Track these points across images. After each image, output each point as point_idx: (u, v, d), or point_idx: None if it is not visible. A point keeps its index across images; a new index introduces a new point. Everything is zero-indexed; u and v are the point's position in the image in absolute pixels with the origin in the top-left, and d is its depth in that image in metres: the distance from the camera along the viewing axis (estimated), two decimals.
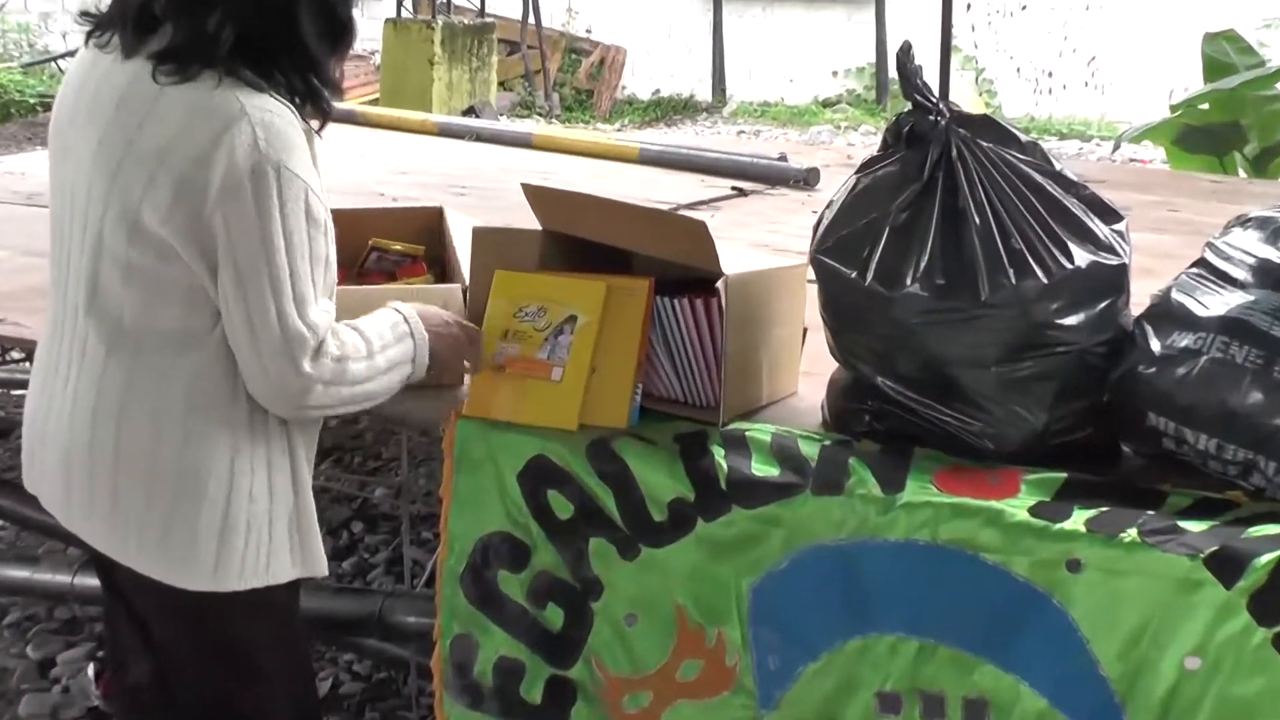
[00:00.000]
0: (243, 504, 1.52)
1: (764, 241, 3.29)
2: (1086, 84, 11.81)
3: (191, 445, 1.50)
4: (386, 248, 2.22)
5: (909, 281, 1.61)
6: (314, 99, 1.51)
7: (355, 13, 1.54)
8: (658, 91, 12.52)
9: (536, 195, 1.86)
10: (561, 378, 1.78)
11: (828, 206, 1.77)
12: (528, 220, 1.91)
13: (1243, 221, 1.74)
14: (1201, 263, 1.70)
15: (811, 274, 1.78)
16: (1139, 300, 1.70)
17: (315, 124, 1.52)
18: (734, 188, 4.29)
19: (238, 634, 1.60)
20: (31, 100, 9.22)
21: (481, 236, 1.91)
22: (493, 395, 1.82)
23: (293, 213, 1.44)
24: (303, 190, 1.45)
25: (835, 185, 1.81)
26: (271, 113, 1.44)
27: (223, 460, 1.51)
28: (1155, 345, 1.61)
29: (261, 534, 1.54)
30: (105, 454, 1.51)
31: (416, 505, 3.20)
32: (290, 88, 1.48)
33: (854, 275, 1.66)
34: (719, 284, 1.69)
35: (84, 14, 1.56)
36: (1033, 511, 1.53)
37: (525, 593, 1.81)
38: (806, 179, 4.36)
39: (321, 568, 1.62)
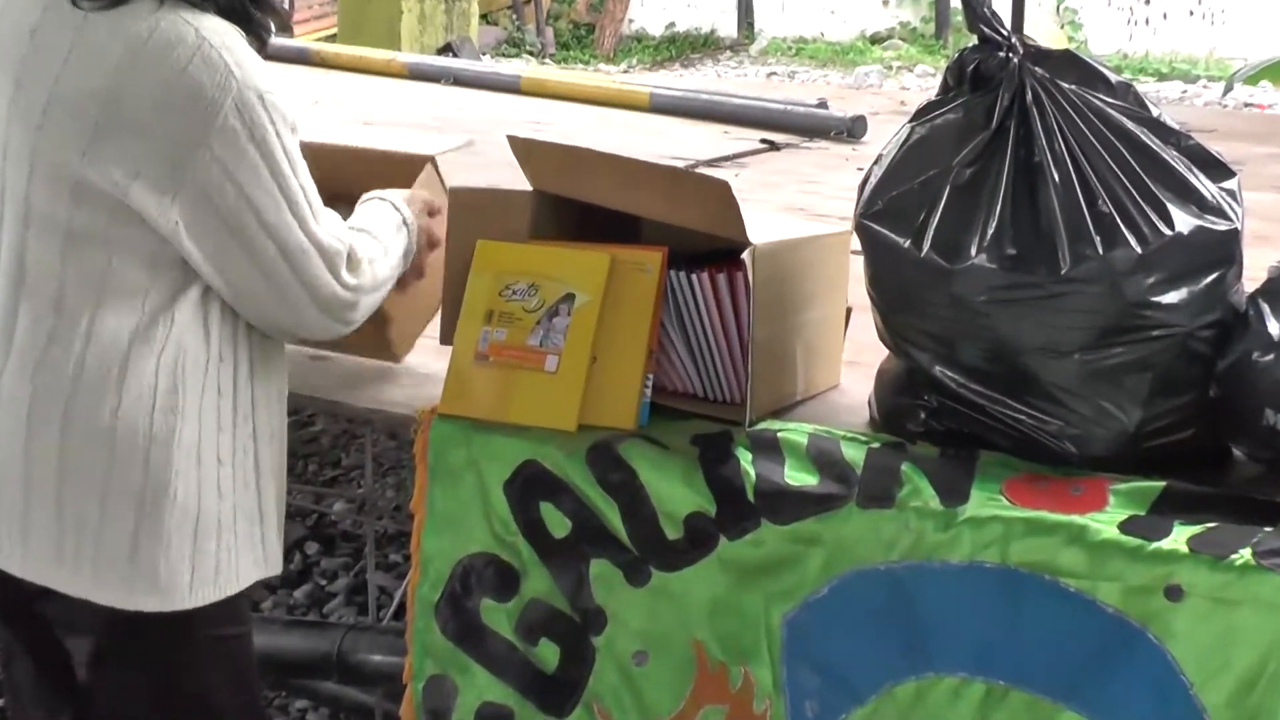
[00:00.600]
0: (212, 500, 1.55)
1: (799, 204, 3.30)
2: (1192, 13, 11.77)
3: (159, 438, 1.51)
4: None
5: (974, 252, 1.62)
6: (247, 24, 1.52)
7: None
8: (672, 25, 12.52)
9: (526, 150, 1.86)
10: (557, 368, 1.78)
11: (876, 162, 1.77)
12: (516, 180, 1.91)
13: None
14: None
15: (856, 243, 1.78)
16: (1253, 274, 1.70)
17: None
18: (763, 140, 4.29)
19: (195, 668, 1.60)
20: None
21: (460, 199, 1.92)
22: (474, 389, 1.83)
23: (286, 135, 1.51)
24: (285, 110, 1.51)
25: (885, 136, 1.81)
26: (226, 34, 1.48)
27: (190, 451, 1.53)
28: (1273, 328, 1.61)
29: (229, 533, 1.57)
30: (48, 461, 1.51)
31: (383, 522, 3.21)
32: (220, 9, 1.49)
33: (908, 245, 1.66)
34: (745, 255, 1.69)
35: None
36: (1124, 528, 1.53)
37: (514, 626, 1.82)
38: (851, 129, 4.36)
39: (278, 564, 1.67)
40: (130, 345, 1.49)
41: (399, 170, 1.94)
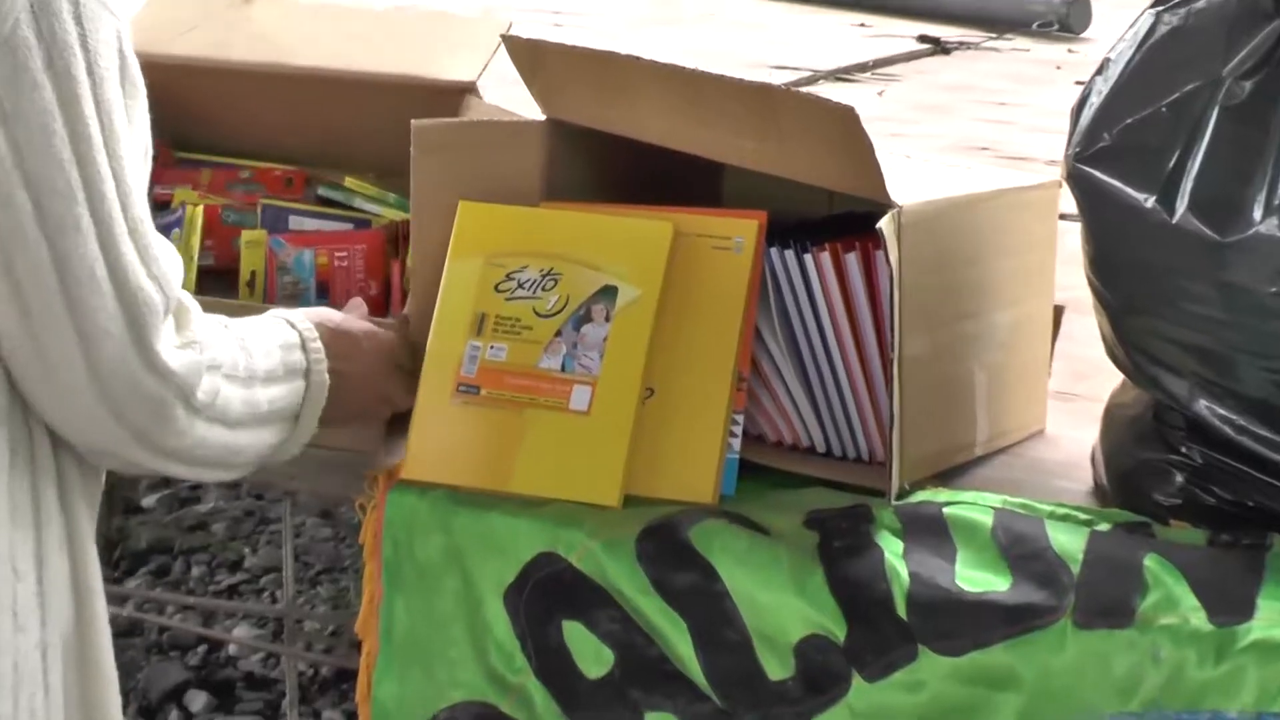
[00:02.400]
0: (6, 637, 1.55)
1: (980, 140, 3.29)
2: None
3: None
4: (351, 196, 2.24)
5: (1259, 215, 1.62)
6: None
7: None
8: None
9: (534, 57, 1.90)
10: (589, 407, 1.81)
11: (1100, 71, 1.77)
12: (521, 104, 1.95)
13: None
14: None
15: (1071, 202, 1.79)
16: None
17: None
18: (923, 39, 4.30)
19: None
20: None
21: (427, 138, 1.94)
22: (456, 441, 1.85)
23: (108, 75, 1.49)
24: (114, 34, 1.50)
25: (1117, 32, 1.82)
26: None
27: None
28: None
29: (35, 685, 1.57)
30: None
31: (311, 655, 3.23)
32: None
33: (1151, 203, 1.67)
34: (884, 224, 1.70)
35: None
36: None
37: None
38: (1065, 20, 4.36)
39: None
40: None
41: (408, 106, 1.95)
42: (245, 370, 1.64)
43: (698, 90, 1.85)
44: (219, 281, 2.25)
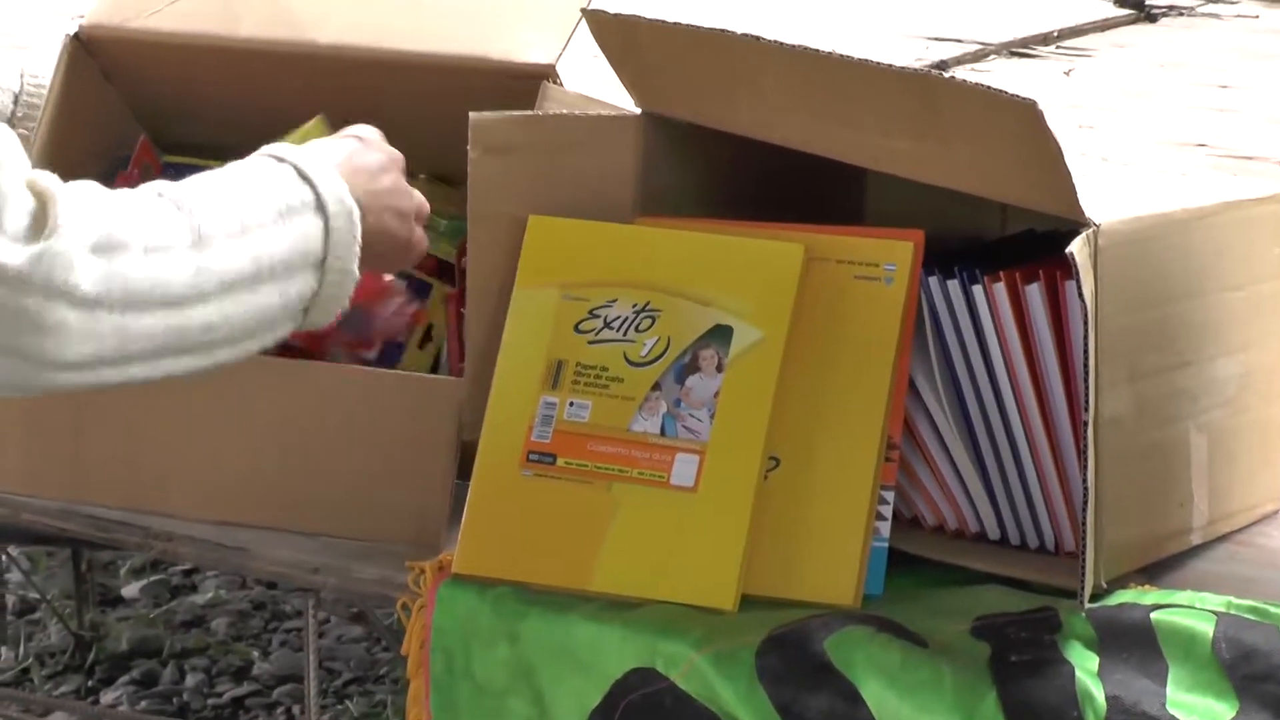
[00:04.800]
0: None
1: (1195, 134, 3.28)
2: None
3: None
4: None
5: None
6: None
7: None
8: None
9: (625, 34, 1.91)
10: (697, 481, 1.81)
11: None
12: (610, 91, 1.97)
13: None
14: None
15: None
16: None
17: None
18: (1123, 1, 4.30)
19: None
20: None
21: (488, 134, 1.96)
22: (523, 527, 1.86)
23: None
24: None
25: None
26: None
27: None
28: None
29: None
30: None
31: None
32: None
33: None
34: (1074, 248, 1.70)
35: None
36: None
37: None
38: None
39: None
40: None
41: (466, 96, 1.96)
42: (190, 231, 1.58)
43: (836, 77, 1.86)
44: None
